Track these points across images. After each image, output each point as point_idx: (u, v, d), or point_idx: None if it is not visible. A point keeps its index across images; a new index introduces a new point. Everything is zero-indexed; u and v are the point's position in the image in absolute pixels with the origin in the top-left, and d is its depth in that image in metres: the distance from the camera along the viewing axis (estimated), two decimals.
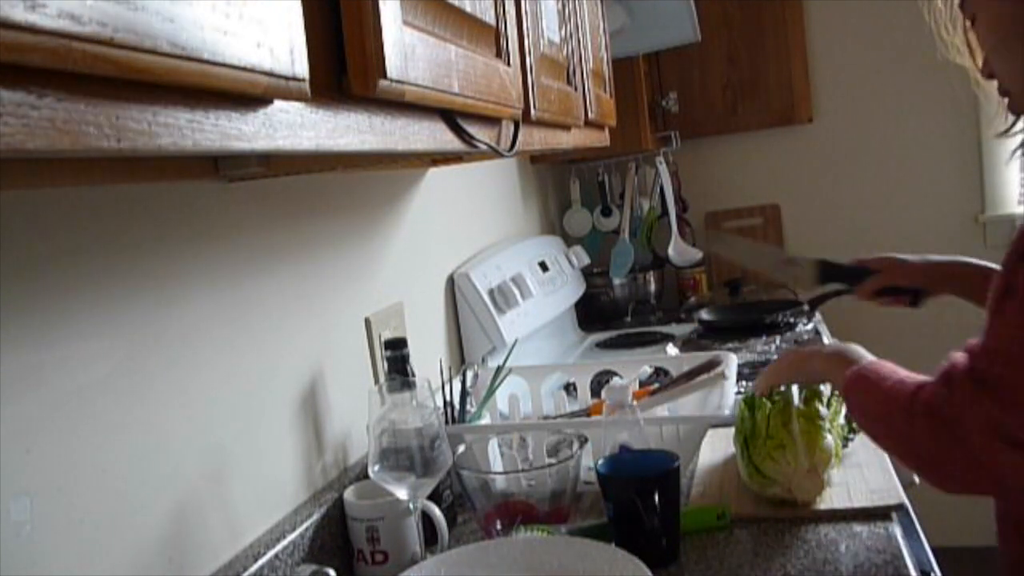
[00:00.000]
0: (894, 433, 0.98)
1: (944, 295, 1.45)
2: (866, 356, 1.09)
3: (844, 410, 1.22)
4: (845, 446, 1.24)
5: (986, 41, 0.99)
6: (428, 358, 1.51)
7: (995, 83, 1.02)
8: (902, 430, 0.96)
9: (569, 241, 2.54)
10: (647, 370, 1.47)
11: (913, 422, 0.94)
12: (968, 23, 1.02)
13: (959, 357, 0.92)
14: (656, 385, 1.41)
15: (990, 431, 0.86)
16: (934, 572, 1.07)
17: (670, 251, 2.62)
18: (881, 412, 1.00)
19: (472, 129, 0.78)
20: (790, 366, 1.18)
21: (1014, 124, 1.05)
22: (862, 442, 1.27)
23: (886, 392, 0.99)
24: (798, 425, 1.14)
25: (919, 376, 0.99)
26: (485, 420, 1.37)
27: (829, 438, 1.14)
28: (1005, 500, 1.04)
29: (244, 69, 0.41)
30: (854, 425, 1.27)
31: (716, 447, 1.36)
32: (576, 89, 1.22)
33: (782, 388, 1.19)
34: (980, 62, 1.04)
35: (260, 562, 0.96)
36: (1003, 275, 0.93)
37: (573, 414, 1.45)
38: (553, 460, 1.16)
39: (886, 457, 1.26)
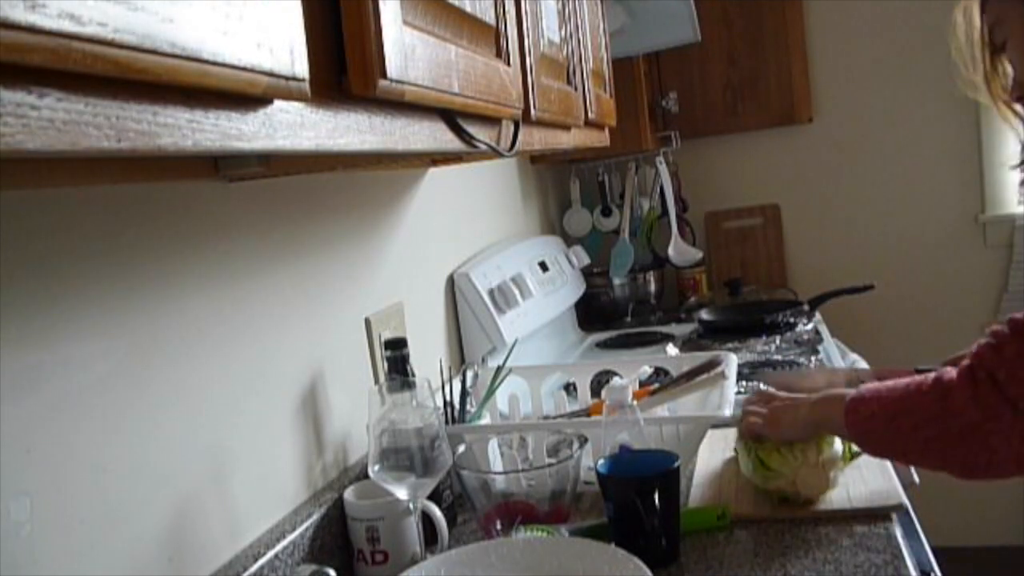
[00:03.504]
0: (922, 423, 0.94)
1: None
2: (851, 391, 1.05)
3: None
4: (853, 457, 1.24)
5: (1020, 62, 0.99)
6: (428, 358, 1.51)
7: (1015, 119, 1.03)
8: (933, 414, 0.93)
9: (569, 241, 2.54)
10: (647, 370, 1.47)
11: (947, 399, 0.92)
12: (996, 53, 1.02)
13: (999, 328, 0.92)
14: (656, 385, 1.41)
15: None
16: (934, 572, 1.07)
17: (670, 251, 2.62)
18: (899, 410, 0.97)
19: (472, 129, 0.78)
20: (776, 423, 1.13)
21: None
22: None
23: (902, 392, 0.98)
24: None
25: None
26: (485, 420, 1.37)
27: (838, 443, 1.14)
28: None
29: (244, 69, 0.41)
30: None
31: (716, 447, 1.36)
32: (576, 89, 1.22)
33: None
34: (998, 98, 1.04)
35: (260, 562, 0.96)
36: None
37: (573, 414, 1.45)
38: (553, 460, 1.16)
39: None
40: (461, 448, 1.18)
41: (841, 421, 1.03)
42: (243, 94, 0.43)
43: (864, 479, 1.19)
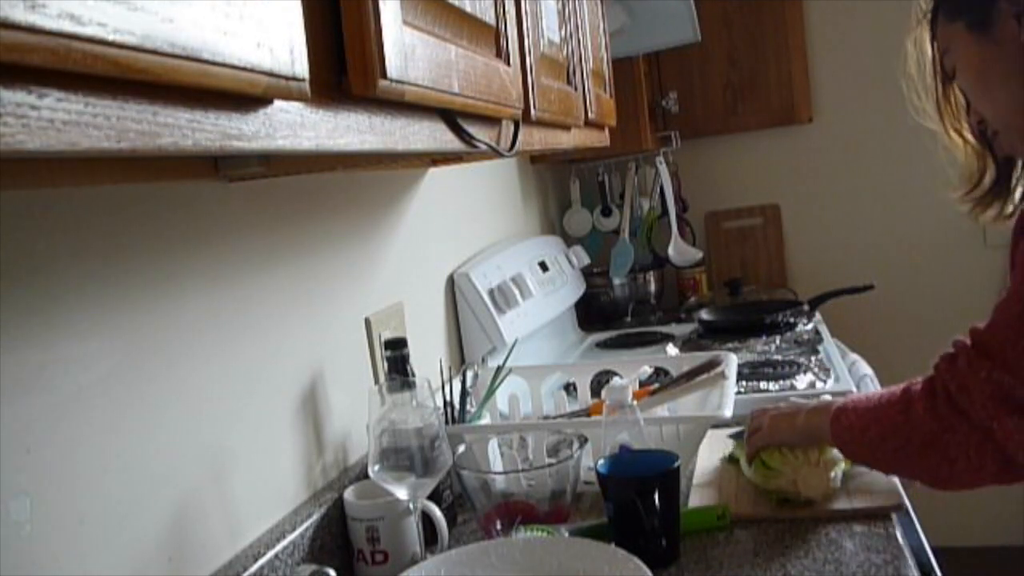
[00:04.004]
0: (889, 434, 0.99)
1: None
2: (840, 401, 1.11)
3: None
4: None
5: (971, 88, 1.03)
6: (428, 358, 1.51)
7: (963, 146, 1.09)
8: (898, 425, 0.98)
9: (569, 241, 2.54)
10: (647, 370, 1.47)
11: (909, 411, 0.96)
12: (947, 81, 1.06)
13: (961, 338, 0.96)
14: (656, 385, 1.41)
15: (994, 396, 0.89)
16: (934, 572, 1.08)
17: (670, 251, 2.62)
18: (871, 420, 1.02)
19: (472, 129, 0.78)
20: (775, 430, 1.16)
21: (977, 184, 1.10)
22: None
23: (875, 403, 1.03)
24: None
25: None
26: (485, 420, 1.37)
27: None
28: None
29: (244, 69, 0.41)
30: None
31: (716, 447, 1.36)
32: (576, 89, 1.22)
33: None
34: (949, 126, 1.09)
35: (260, 562, 0.96)
36: (1010, 253, 0.98)
37: (573, 414, 1.45)
38: (553, 460, 1.16)
39: None
40: (461, 448, 1.18)
41: (828, 431, 1.07)
42: (243, 94, 0.43)
43: (864, 479, 1.19)
